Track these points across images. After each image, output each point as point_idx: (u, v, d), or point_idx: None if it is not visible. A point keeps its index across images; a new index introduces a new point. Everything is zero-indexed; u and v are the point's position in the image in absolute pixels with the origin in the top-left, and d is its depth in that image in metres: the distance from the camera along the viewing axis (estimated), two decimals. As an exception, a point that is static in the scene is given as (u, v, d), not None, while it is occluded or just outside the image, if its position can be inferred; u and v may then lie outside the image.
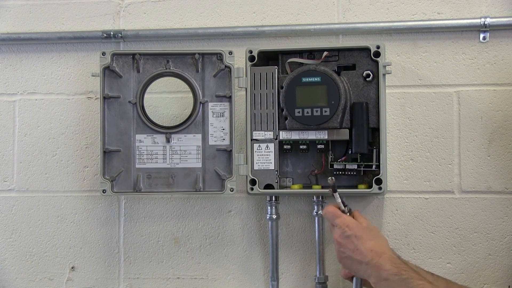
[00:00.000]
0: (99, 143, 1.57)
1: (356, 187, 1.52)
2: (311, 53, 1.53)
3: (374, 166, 1.49)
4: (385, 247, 1.27)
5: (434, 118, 1.60)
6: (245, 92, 1.54)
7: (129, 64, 1.57)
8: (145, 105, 1.58)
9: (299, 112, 1.48)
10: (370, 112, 1.48)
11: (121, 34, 1.67)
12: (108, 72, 1.57)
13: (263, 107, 1.52)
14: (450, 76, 1.60)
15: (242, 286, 1.66)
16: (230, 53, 1.54)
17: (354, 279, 1.40)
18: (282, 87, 1.50)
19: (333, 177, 1.36)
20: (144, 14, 1.70)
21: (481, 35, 1.58)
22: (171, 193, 1.61)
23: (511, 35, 1.57)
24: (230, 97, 1.55)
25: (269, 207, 1.58)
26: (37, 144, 1.72)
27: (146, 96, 1.58)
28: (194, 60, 1.56)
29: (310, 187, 1.55)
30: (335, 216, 1.33)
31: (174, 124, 1.58)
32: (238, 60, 1.56)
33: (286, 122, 1.50)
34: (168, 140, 1.57)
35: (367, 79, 1.49)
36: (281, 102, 1.50)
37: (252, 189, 1.52)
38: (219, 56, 1.55)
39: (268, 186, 1.52)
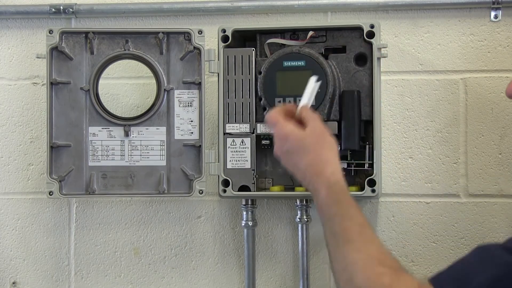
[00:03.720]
0: (45, 137, 1.56)
1: (346, 189, 1.51)
2: (294, 33, 1.53)
3: (367, 165, 1.49)
4: (324, 163, 1.20)
5: (437, 109, 1.59)
6: (217, 78, 1.54)
7: (81, 44, 1.56)
8: (99, 92, 1.57)
9: (279, 101, 1.48)
10: (363, 102, 1.48)
11: (72, 9, 1.66)
12: (56, 53, 1.55)
13: (238, 95, 1.52)
14: (456, 60, 1.60)
15: (214, 304, 1.68)
16: (200, 32, 1.54)
17: None
18: (260, 73, 1.50)
19: None
20: (100, -14, 1.71)
21: (493, 13, 1.58)
22: (131, 195, 1.61)
23: (527, 13, 1.59)
24: (200, 83, 1.54)
25: (244, 212, 1.58)
26: (-27, 138, 1.72)
27: (101, 82, 1.57)
28: (157, 40, 1.55)
29: (293, 189, 1.55)
30: (273, 123, 1.26)
31: (134, 115, 1.58)
32: (209, 40, 1.56)
33: (265, 113, 1.50)
34: (126, 134, 1.56)
35: (359, 63, 1.49)
36: (259, 90, 1.51)
37: (224, 191, 1.52)
38: (187, 35, 1.55)
39: (244, 188, 1.52)
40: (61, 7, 1.65)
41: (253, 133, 1.52)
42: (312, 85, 1.28)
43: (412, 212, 1.60)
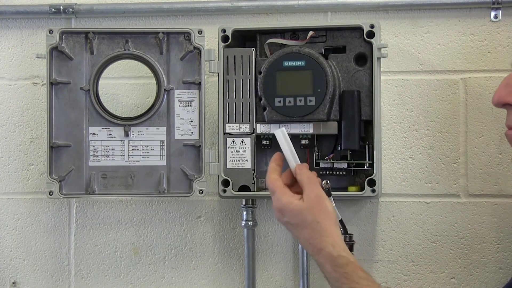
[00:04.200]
0: (45, 137, 1.56)
1: (346, 189, 1.52)
2: (294, 33, 1.52)
3: (367, 165, 1.49)
4: (323, 237, 1.20)
5: (437, 109, 1.59)
6: (217, 78, 1.53)
7: (81, 44, 1.55)
8: (99, 92, 1.57)
9: (279, 101, 1.48)
10: (363, 102, 1.48)
11: (72, 9, 1.65)
12: (56, 53, 1.55)
13: (238, 95, 1.52)
14: (456, 60, 1.59)
15: (214, 304, 1.67)
16: (200, 32, 1.53)
17: None
18: (260, 73, 1.50)
19: (328, 181, 1.36)
20: (100, -14, 1.70)
21: (493, 13, 1.58)
22: (131, 195, 1.61)
23: (527, 13, 1.58)
24: (200, 83, 1.54)
25: (244, 212, 1.58)
26: (-27, 138, 1.72)
27: (101, 82, 1.56)
28: (157, 40, 1.55)
29: (293, 189, 1.54)
30: (272, 191, 1.26)
31: (134, 115, 1.58)
32: (209, 40, 1.56)
33: (265, 113, 1.49)
34: (127, 134, 1.56)
35: (359, 63, 1.49)
36: (259, 90, 1.50)
37: (224, 191, 1.52)
38: (187, 35, 1.54)
39: (244, 188, 1.52)
40: (61, 7, 1.65)
41: (253, 133, 1.51)
42: (282, 138, 1.27)
43: (412, 212, 1.60)
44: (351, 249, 1.43)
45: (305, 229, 1.21)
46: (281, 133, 1.26)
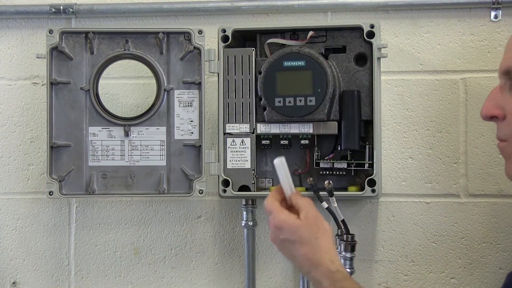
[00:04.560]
0: (45, 137, 1.56)
1: (346, 189, 1.52)
2: (294, 33, 1.52)
3: (367, 165, 1.49)
4: (322, 251, 1.21)
5: (437, 109, 1.59)
6: (217, 78, 1.53)
7: (81, 44, 1.56)
8: (99, 92, 1.57)
9: (279, 101, 1.48)
10: (363, 102, 1.48)
11: (72, 9, 1.66)
12: (56, 53, 1.55)
13: (238, 95, 1.52)
14: (456, 60, 1.60)
15: (214, 304, 1.66)
16: (200, 32, 1.53)
17: None
18: (260, 73, 1.50)
19: (330, 181, 1.36)
20: (100, -14, 1.70)
21: (493, 13, 1.58)
22: (131, 195, 1.61)
23: (527, 13, 1.58)
24: (200, 83, 1.54)
25: (244, 212, 1.59)
26: (-27, 138, 1.72)
27: (101, 82, 1.57)
28: (157, 40, 1.55)
29: (293, 189, 1.54)
30: (269, 212, 1.27)
31: (134, 115, 1.58)
32: (209, 40, 1.56)
33: (265, 113, 1.49)
34: (127, 134, 1.56)
35: (359, 63, 1.49)
36: (259, 90, 1.50)
37: (225, 191, 1.52)
38: (187, 35, 1.55)
39: (244, 188, 1.52)
40: (61, 7, 1.65)
41: (253, 133, 1.51)
42: (280, 167, 1.27)
43: (412, 212, 1.60)
44: (352, 249, 1.44)
45: (304, 245, 1.21)
46: (280, 162, 1.26)
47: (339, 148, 1.50)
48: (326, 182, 1.37)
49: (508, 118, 1.19)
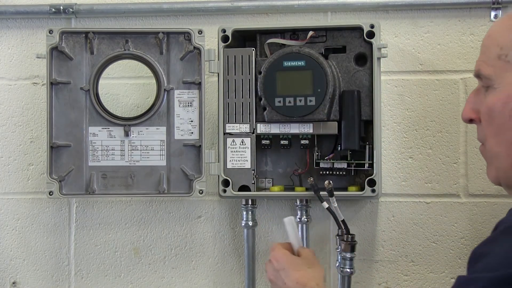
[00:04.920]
0: (45, 137, 1.56)
1: (346, 189, 1.53)
2: (294, 33, 1.53)
3: (367, 165, 1.49)
4: (311, 277, 1.29)
5: (437, 109, 1.59)
6: (217, 78, 1.53)
7: (81, 44, 1.56)
8: (99, 92, 1.57)
9: (279, 101, 1.48)
10: (363, 102, 1.48)
11: (72, 9, 1.66)
12: (56, 53, 1.55)
13: (238, 95, 1.52)
14: (456, 60, 1.60)
15: (214, 304, 1.65)
16: (200, 32, 1.53)
17: None
18: (260, 73, 1.50)
19: (330, 181, 1.36)
20: (100, -14, 1.70)
21: (493, 13, 1.57)
22: (131, 195, 1.61)
23: (527, 13, 1.58)
24: (200, 83, 1.54)
25: (244, 212, 1.58)
26: (-27, 138, 1.71)
27: (101, 81, 1.57)
28: (157, 40, 1.55)
29: (293, 189, 1.56)
30: (273, 249, 1.36)
31: (134, 115, 1.58)
32: (209, 40, 1.56)
33: (265, 113, 1.50)
34: (127, 134, 1.56)
35: (359, 63, 1.49)
36: (259, 90, 1.50)
37: (225, 191, 1.52)
38: (187, 35, 1.55)
39: (244, 188, 1.53)
40: (61, 7, 1.65)
41: (253, 133, 1.51)
42: (290, 225, 1.34)
43: (412, 212, 1.60)
44: (352, 249, 1.44)
45: (296, 271, 1.29)
46: (289, 221, 1.34)
47: (339, 148, 1.50)
48: (326, 182, 1.37)
49: (482, 121, 1.18)
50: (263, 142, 1.52)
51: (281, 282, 1.29)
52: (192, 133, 1.55)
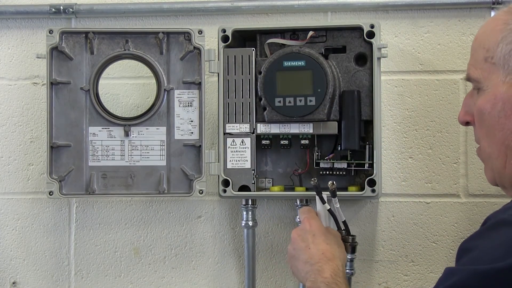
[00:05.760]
0: (45, 137, 1.55)
1: (346, 189, 1.52)
2: (294, 33, 1.53)
3: (367, 165, 1.49)
4: (337, 256, 1.28)
5: (437, 109, 1.59)
6: (217, 78, 1.53)
7: (82, 44, 1.56)
8: (99, 92, 1.57)
9: (279, 101, 1.47)
10: (363, 102, 1.48)
11: (72, 9, 1.66)
12: (56, 53, 1.55)
13: (238, 95, 1.52)
14: (456, 60, 1.60)
15: (213, 304, 1.66)
16: (200, 32, 1.53)
17: None
18: (260, 73, 1.50)
19: (334, 182, 1.37)
20: (100, -14, 1.70)
21: (493, 13, 1.57)
22: (131, 195, 1.61)
23: (527, 13, 1.57)
24: (200, 83, 1.54)
25: (244, 212, 1.58)
26: (-27, 138, 1.71)
27: (101, 82, 1.57)
28: (157, 40, 1.55)
29: (293, 189, 1.56)
30: (306, 212, 1.36)
31: (134, 115, 1.58)
32: (210, 40, 1.56)
33: (265, 113, 1.49)
34: (127, 134, 1.56)
35: (359, 63, 1.49)
36: (259, 90, 1.50)
37: (225, 191, 1.52)
38: (187, 35, 1.55)
39: (244, 188, 1.52)
40: (61, 7, 1.65)
41: (253, 133, 1.51)
42: (322, 207, 1.38)
43: (412, 212, 1.60)
44: (353, 250, 1.43)
45: (326, 244, 1.29)
46: (322, 206, 1.37)
47: (339, 148, 1.50)
48: (329, 182, 1.37)
49: (475, 123, 1.20)
50: (263, 142, 1.52)
51: (305, 243, 1.29)
52: (192, 133, 1.55)
